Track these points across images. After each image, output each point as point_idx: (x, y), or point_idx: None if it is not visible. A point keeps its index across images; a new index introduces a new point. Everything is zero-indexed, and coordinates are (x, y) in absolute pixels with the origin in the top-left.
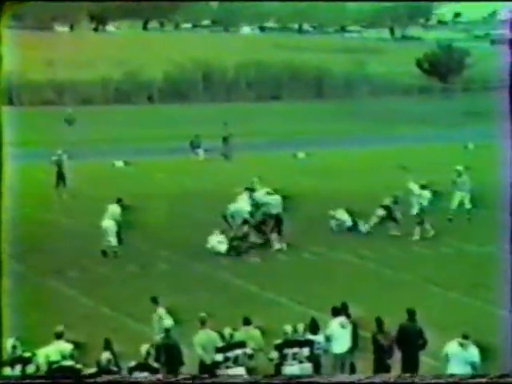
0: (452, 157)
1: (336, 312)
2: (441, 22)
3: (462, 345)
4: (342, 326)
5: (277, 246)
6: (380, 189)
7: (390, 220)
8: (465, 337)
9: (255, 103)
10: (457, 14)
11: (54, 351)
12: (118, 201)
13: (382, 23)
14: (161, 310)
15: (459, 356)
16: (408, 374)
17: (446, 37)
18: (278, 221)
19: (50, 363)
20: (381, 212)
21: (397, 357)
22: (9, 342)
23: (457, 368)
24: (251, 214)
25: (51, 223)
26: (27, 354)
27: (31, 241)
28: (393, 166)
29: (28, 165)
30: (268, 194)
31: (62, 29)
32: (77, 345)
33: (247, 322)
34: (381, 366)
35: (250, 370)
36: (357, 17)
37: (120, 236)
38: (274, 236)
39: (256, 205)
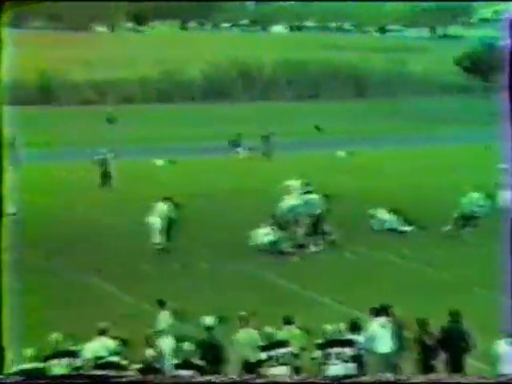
0: (492, 157)
1: (376, 312)
2: (482, 20)
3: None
4: (383, 327)
5: (313, 248)
6: (420, 187)
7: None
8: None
9: (294, 102)
10: (496, 12)
11: (100, 347)
12: (166, 199)
13: (423, 22)
14: (164, 313)
15: (510, 355)
16: (453, 375)
17: (487, 35)
18: (318, 220)
19: (96, 358)
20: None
21: (441, 358)
22: (53, 336)
23: (508, 368)
24: (300, 213)
25: (95, 221)
26: (74, 348)
27: (75, 238)
28: (433, 165)
29: (69, 163)
30: (308, 192)
31: (101, 29)
32: (122, 341)
33: (289, 321)
34: (426, 367)
35: (294, 370)
36: (397, 16)
37: (169, 234)
38: (311, 237)
39: (302, 204)
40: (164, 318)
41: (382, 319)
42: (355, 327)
